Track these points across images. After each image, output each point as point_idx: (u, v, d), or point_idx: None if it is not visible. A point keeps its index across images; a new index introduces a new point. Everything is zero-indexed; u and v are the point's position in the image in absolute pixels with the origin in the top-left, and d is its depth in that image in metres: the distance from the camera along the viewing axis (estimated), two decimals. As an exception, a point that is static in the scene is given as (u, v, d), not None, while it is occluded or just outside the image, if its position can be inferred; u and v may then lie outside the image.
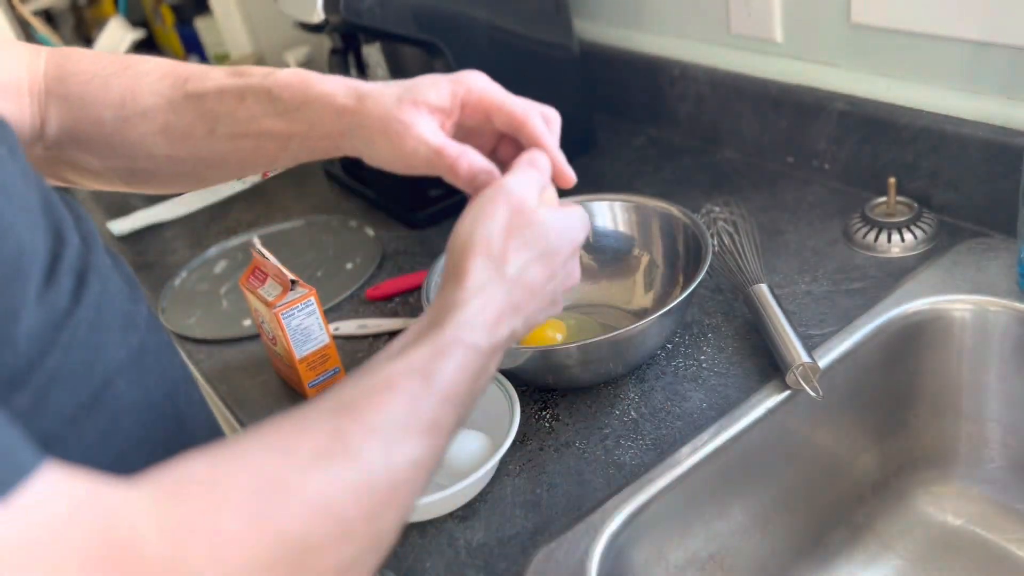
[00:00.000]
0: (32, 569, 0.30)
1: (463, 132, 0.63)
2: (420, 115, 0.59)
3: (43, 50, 0.67)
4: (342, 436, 0.42)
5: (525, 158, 0.59)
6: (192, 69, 0.66)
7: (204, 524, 0.36)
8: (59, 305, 0.43)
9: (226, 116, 0.64)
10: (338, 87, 0.61)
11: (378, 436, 0.43)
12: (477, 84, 0.61)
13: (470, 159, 0.58)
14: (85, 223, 0.48)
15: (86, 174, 0.69)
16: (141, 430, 0.48)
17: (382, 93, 0.60)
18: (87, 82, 0.65)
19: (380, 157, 0.63)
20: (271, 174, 0.94)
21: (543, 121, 0.62)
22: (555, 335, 0.83)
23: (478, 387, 0.51)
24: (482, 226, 0.54)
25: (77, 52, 0.67)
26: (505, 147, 0.65)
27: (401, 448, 0.44)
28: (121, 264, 0.51)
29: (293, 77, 0.62)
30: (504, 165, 0.61)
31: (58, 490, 0.33)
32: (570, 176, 0.62)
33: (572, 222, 0.57)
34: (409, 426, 0.45)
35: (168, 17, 1.82)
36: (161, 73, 0.65)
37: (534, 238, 0.55)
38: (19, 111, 0.64)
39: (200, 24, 1.69)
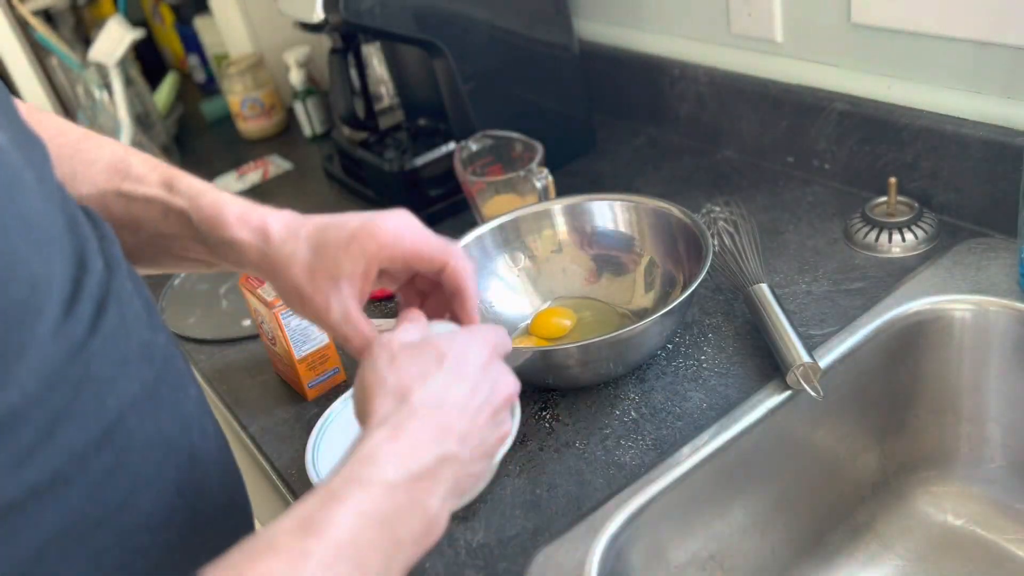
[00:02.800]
0: None
1: (390, 279, 0.62)
2: (334, 293, 0.57)
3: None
4: None
5: (401, 316, 0.57)
6: (135, 167, 0.61)
7: None
8: (75, 338, 0.41)
9: (150, 224, 0.60)
10: (250, 239, 0.57)
11: None
12: (389, 238, 0.57)
13: (360, 339, 0.57)
14: (110, 244, 0.47)
15: None
16: (151, 468, 0.45)
17: (293, 256, 0.57)
18: (58, 145, 0.60)
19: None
20: (270, 175, 0.94)
21: (463, 264, 0.58)
22: (564, 321, 0.84)
23: (404, 534, 0.43)
24: (371, 373, 0.50)
25: (48, 120, 0.63)
26: (422, 278, 0.62)
27: None
28: (141, 288, 0.50)
29: (210, 210, 0.58)
30: (423, 294, 0.62)
31: None
32: (475, 319, 0.60)
33: (469, 332, 0.53)
34: None
35: (167, 17, 1.82)
36: (104, 164, 0.61)
37: (430, 358, 0.50)
38: None
39: (200, 24, 1.69)
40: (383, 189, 1.15)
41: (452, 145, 1.08)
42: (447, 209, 1.10)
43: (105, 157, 0.61)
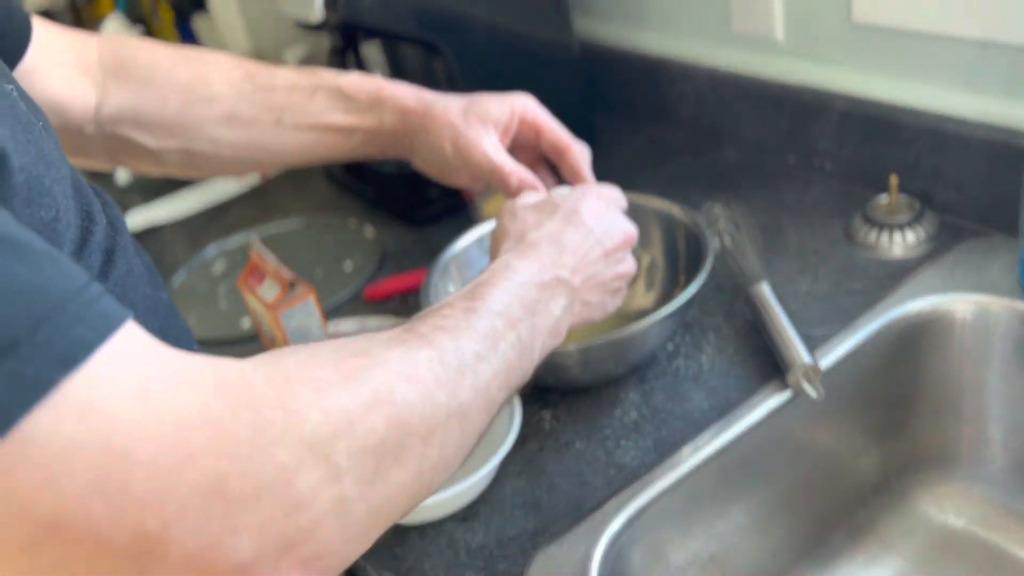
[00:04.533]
0: (151, 393, 0.32)
1: (512, 146, 0.74)
2: (486, 131, 0.70)
3: (92, 36, 0.71)
4: (412, 330, 0.47)
5: (524, 192, 0.69)
6: (261, 66, 0.73)
7: (306, 375, 0.38)
8: None
9: (295, 108, 0.71)
10: (408, 92, 0.71)
11: (443, 332, 0.48)
12: (531, 106, 0.73)
13: (521, 176, 0.70)
14: (111, 208, 0.51)
15: (142, 155, 0.73)
16: None
17: (448, 105, 0.71)
18: (152, 67, 0.70)
19: (436, 162, 0.73)
20: (270, 175, 0.95)
21: (583, 152, 0.74)
22: None
23: (533, 316, 0.54)
24: (498, 230, 0.62)
25: (134, 41, 0.73)
26: (538, 169, 0.76)
27: (465, 342, 0.48)
28: (142, 252, 0.54)
29: (364, 79, 0.71)
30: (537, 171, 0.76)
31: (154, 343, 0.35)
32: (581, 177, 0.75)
33: (583, 188, 0.64)
34: (468, 328, 0.49)
35: (166, 15, 1.82)
36: (232, 65, 0.72)
37: (546, 210, 0.61)
38: (73, 91, 0.68)
39: (199, 23, 1.69)
40: (383, 189, 1.15)
41: (452, 145, 1.08)
42: (447, 209, 1.10)
43: (220, 60, 0.72)
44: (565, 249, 0.58)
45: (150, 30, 1.89)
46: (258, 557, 0.34)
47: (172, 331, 0.53)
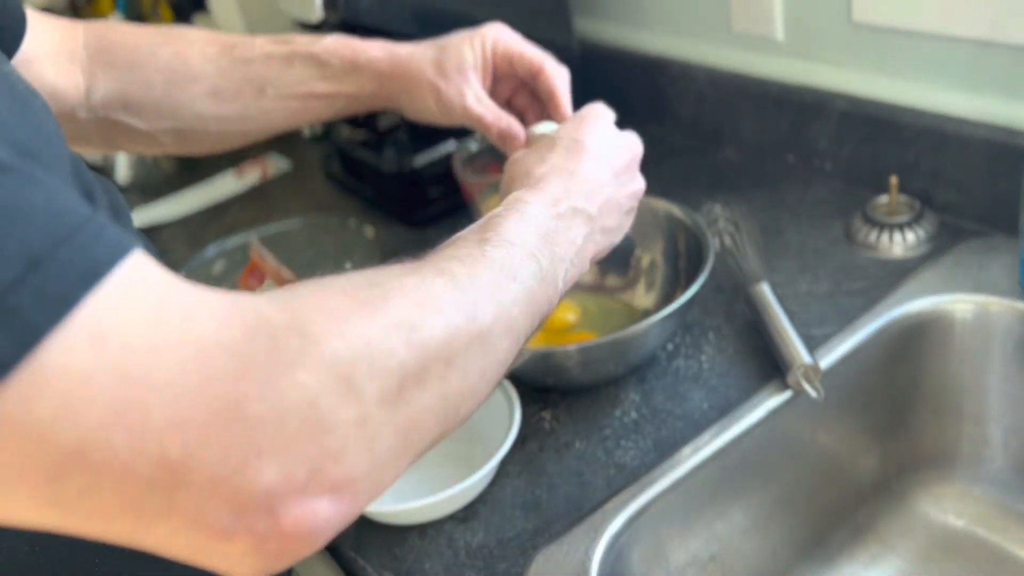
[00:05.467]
0: (169, 323, 0.32)
1: (493, 79, 0.74)
2: (466, 81, 0.70)
3: (78, 23, 0.72)
4: (424, 262, 0.46)
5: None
6: (235, 38, 0.73)
7: (320, 303, 0.38)
8: None
9: (275, 79, 0.72)
10: (380, 55, 0.71)
11: (457, 262, 0.47)
12: (502, 36, 0.73)
13: (501, 127, 0.71)
14: (114, 194, 0.51)
15: (136, 137, 0.74)
16: None
17: (421, 61, 0.71)
18: (134, 50, 0.71)
19: (423, 113, 0.73)
20: (269, 174, 0.95)
21: (557, 67, 0.72)
22: (568, 316, 0.84)
23: (553, 244, 0.53)
24: (507, 168, 0.62)
25: (115, 25, 0.73)
26: (520, 96, 0.76)
27: (484, 267, 0.47)
28: (148, 243, 0.54)
29: (339, 44, 0.71)
30: (520, 112, 0.75)
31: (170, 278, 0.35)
32: (561, 111, 0.73)
33: (578, 117, 0.63)
34: (484, 260, 0.48)
35: (166, 15, 1.82)
36: (208, 40, 0.72)
37: (546, 144, 0.61)
38: (64, 78, 0.69)
39: (198, 22, 1.69)
40: (382, 189, 1.14)
41: (452, 145, 1.08)
42: (446, 209, 1.10)
43: (200, 38, 0.73)
44: (575, 178, 0.57)
45: (150, 30, 1.89)
46: (285, 481, 0.33)
47: None
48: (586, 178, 0.58)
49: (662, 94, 1.16)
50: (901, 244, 0.85)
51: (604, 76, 1.24)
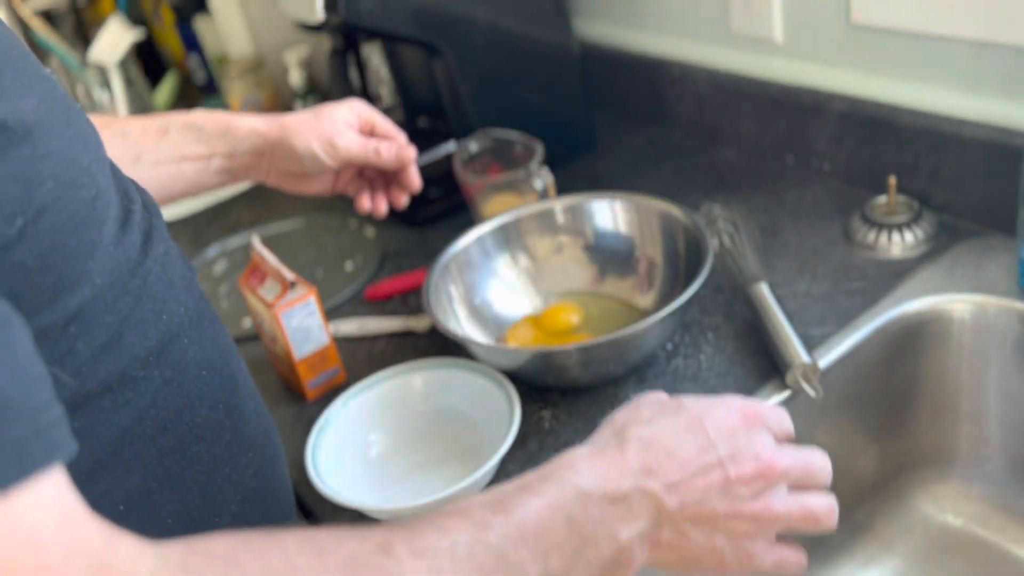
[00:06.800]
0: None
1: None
2: (341, 130, 0.78)
3: None
4: (386, 551, 0.38)
5: None
6: (112, 118, 0.78)
7: None
8: (131, 254, 0.47)
9: (151, 147, 0.75)
10: (255, 118, 0.77)
11: (426, 559, 0.38)
12: (367, 107, 0.82)
13: (369, 148, 0.79)
14: (145, 193, 0.53)
15: None
16: (202, 386, 0.51)
17: (299, 118, 0.78)
18: None
19: (297, 170, 0.79)
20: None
21: (404, 140, 0.82)
22: (571, 317, 0.84)
23: (589, 549, 0.42)
24: (610, 416, 0.52)
25: None
26: (368, 169, 0.85)
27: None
28: (173, 240, 0.56)
29: (212, 112, 0.77)
30: (370, 181, 0.86)
31: (68, 518, 0.32)
32: (415, 182, 0.84)
33: (728, 398, 0.51)
34: (467, 557, 0.39)
35: (168, 17, 1.82)
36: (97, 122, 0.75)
37: (669, 408, 0.50)
38: None
39: (200, 24, 1.69)
40: (383, 189, 1.15)
41: (452, 145, 1.08)
42: (447, 209, 1.10)
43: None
44: (670, 456, 0.46)
45: (151, 31, 1.90)
46: None
47: (206, 311, 0.54)
48: (684, 464, 0.46)
49: (661, 95, 1.17)
50: (900, 244, 0.85)
51: (604, 77, 1.24)
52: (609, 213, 0.89)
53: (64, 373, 0.41)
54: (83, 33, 1.85)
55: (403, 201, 0.86)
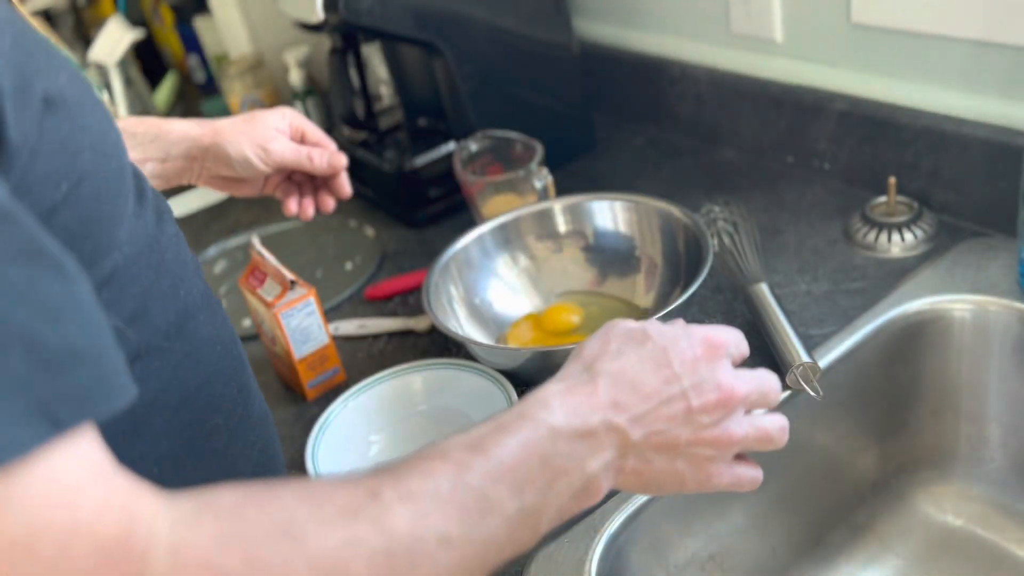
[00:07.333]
0: (44, 544, 0.32)
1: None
2: (273, 135, 0.80)
3: None
4: (376, 496, 0.40)
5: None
6: None
7: (212, 559, 0.36)
8: (149, 228, 0.50)
9: None
10: (185, 122, 0.79)
11: (412, 502, 0.41)
12: (298, 115, 0.84)
13: (302, 154, 0.81)
14: (158, 196, 0.55)
15: None
16: (216, 361, 0.54)
17: (231, 122, 0.80)
18: None
19: (229, 174, 0.81)
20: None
21: (333, 147, 0.84)
22: (572, 317, 0.84)
23: (561, 481, 0.45)
24: (579, 346, 0.53)
25: None
26: (297, 174, 0.86)
27: (433, 520, 0.41)
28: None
29: (141, 118, 0.78)
30: (298, 185, 0.86)
31: (98, 472, 0.34)
32: (346, 189, 0.85)
33: (693, 326, 0.52)
34: (449, 499, 0.41)
35: (167, 17, 1.82)
36: None
37: (635, 338, 0.51)
38: None
39: (200, 24, 1.69)
40: (383, 189, 1.15)
41: (452, 145, 1.08)
42: (447, 209, 1.10)
43: None
44: (635, 390, 0.48)
45: (151, 31, 1.90)
46: None
47: (213, 299, 0.57)
48: (648, 396, 0.48)
49: (662, 95, 1.17)
50: (900, 244, 0.85)
51: (604, 76, 1.24)
52: (609, 213, 0.89)
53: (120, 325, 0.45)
54: (83, 33, 1.85)
55: (330, 205, 0.86)
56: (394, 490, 0.41)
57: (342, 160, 0.83)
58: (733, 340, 0.53)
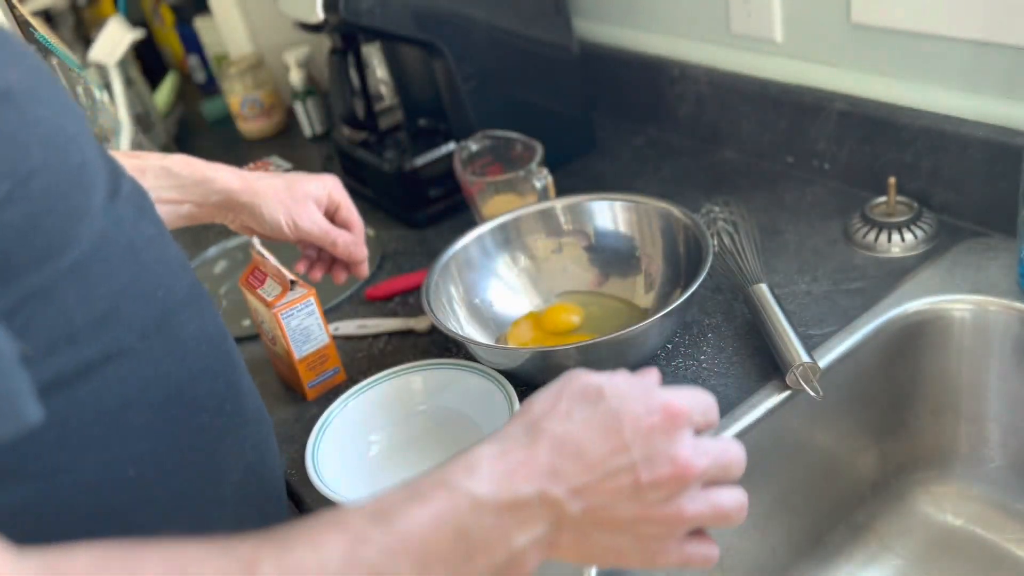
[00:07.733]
0: None
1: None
2: (309, 204, 0.82)
3: None
4: (252, 569, 0.36)
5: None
6: None
7: None
8: (123, 227, 0.48)
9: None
10: (229, 174, 0.80)
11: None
12: (339, 186, 0.86)
13: (329, 238, 0.83)
14: (137, 183, 0.54)
15: None
16: (202, 359, 0.53)
17: (272, 184, 0.82)
18: None
19: (262, 228, 0.82)
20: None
21: (360, 229, 0.87)
22: (572, 317, 0.84)
23: (480, 558, 0.41)
24: (530, 399, 0.47)
25: None
26: (326, 252, 0.87)
27: None
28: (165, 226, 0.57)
29: (188, 160, 0.79)
30: (317, 251, 0.88)
31: None
32: (363, 273, 0.88)
33: (647, 391, 0.47)
34: (338, 575, 0.37)
35: (167, 17, 1.82)
36: None
37: (584, 398, 0.46)
38: None
39: (200, 24, 1.69)
40: (383, 189, 1.15)
41: (452, 145, 1.08)
42: (447, 209, 1.10)
43: None
44: (579, 458, 0.43)
45: (151, 31, 1.90)
46: None
47: (203, 295, 0.56)
48: (593, 467, 0.43)
49: (661, 95, 1.17)
50: (899, 244, 0.85)
51: (604, 76, 1.24)
52: (609, 213, 0.89)
53: (59, 341, 0.44)
54: (83, 33, 1.85)
55: (342, 278, 0.89)
56: (275, 562, 0.37)
57: (363, 252, 0.86)
58: (700, 408, 0.47)
